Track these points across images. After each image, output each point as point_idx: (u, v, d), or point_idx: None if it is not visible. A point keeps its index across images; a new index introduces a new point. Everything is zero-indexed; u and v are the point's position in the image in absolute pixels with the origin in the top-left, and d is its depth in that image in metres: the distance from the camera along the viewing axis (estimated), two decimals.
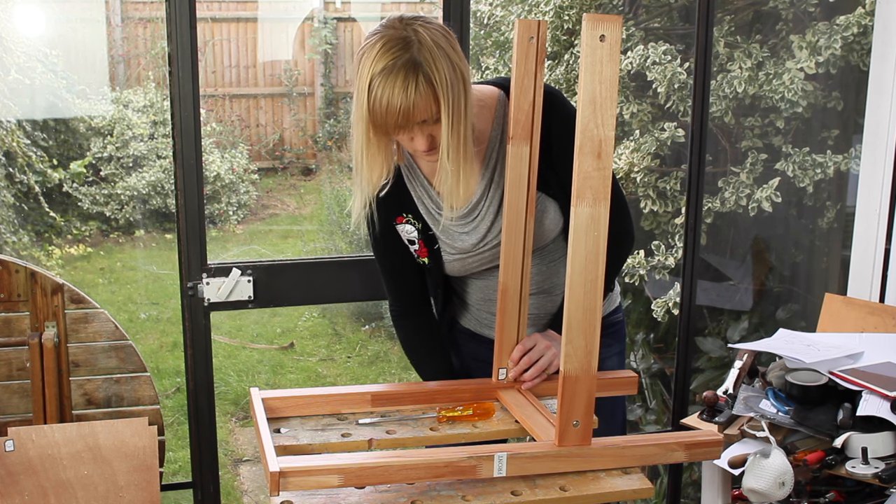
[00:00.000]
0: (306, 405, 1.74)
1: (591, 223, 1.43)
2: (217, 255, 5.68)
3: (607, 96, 1.40)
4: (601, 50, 1.39)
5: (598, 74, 1.39)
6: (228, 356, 4.91)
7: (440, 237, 1.88)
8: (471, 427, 1.72)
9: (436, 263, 1.90)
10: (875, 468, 1.86)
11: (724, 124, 3.13)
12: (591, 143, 1.41)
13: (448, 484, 1.54)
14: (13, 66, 5.66)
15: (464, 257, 1.88)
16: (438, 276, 1.93)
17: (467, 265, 1.89)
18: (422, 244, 1.88)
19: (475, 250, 1.87)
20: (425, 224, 1.87)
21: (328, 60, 7.79)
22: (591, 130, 1.40)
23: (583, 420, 1.52)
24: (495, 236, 1.85)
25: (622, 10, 3.36)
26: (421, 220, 1.86)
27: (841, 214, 3.11)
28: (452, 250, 1.88)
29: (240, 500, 3.70)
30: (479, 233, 1.85)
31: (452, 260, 1.88)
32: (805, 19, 3.04)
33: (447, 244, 1.88)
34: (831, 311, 2.47)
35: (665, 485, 2.92)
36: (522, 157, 1.72)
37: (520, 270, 1.78)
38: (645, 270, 3.14)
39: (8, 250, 5.38)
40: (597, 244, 1.43)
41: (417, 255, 1.90)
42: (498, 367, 1.84)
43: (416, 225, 1.87)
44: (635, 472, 1.58)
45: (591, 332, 1.46)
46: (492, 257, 1.87)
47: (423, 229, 1.87)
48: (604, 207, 1.43)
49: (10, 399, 2.34)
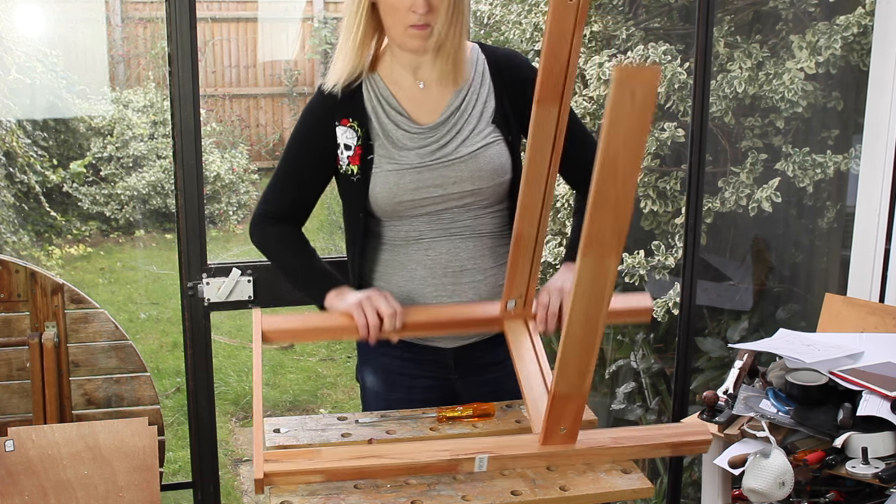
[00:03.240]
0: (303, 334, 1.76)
1: (596, 276, 1.34)
2: (217, 255, 5.68)
3: (631, 159, 1.22)
4: (630, 107, 1.19)
5: (624, 133, 1.21)
6: (228, 356, 4.91)
7: (378, 151, 1.83)
8: (471, 427, 1.72)
9: (363, 177, 1.83)
10: (875, 468, 1.86)
11: (724, 124, 3.13)
12: (606, 201, 1.26)
13: (448, 484, 1.54)
14: (13, 66, 5.66)
15: (401, 171, 1.81)
16: (357, 214, 1.86)
17: (400, 186, 1.81)
18: (359, 150, 1.83)
19: (420, 165, 1.81)
20: (366, 133, 1.83)
21: (328, 60, 7.79)
22: (608, 190, 1.24)
23: (570, 427, 1.52)
24: (447, 161, 1.81)
25: (622, 9, 3.36)
26: (364, 128, 1.83)
27: (841, 214, 3.11)
28: (391, 164, 1.82)
29: (240, 500, 3.70)
30: (430, 150, 1.82)
31: (387, 171, 1.81)
32: (805, 19, 3.04)
33: (385, 157, 1.82)
34: (831, 311, 2.47)
35: (665, 485, 2.92)
36: (549, 120, 1.62)
37: (537, 219, 1.72)
38: (645, 270, 3.14)
39: (8, 250, 5.38)
40: (601, 295, 1.35)
41: (349, 161, 1.83)
42: (507, 299, 1.80)
43: (357, 132, 1.83)
44: (635, 472, 1.58)
45: (587, 356, 1.44)
46: (430, 186, 1.81)
47: (363, 136, 1.83)
48: (612, 261, 1.33)
49: (10, 399, 2.34)
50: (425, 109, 1.83)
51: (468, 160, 1.81)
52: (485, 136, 1.82)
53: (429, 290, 1.86)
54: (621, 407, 3.32)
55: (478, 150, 1.81)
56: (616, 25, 3.27)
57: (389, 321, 1.71)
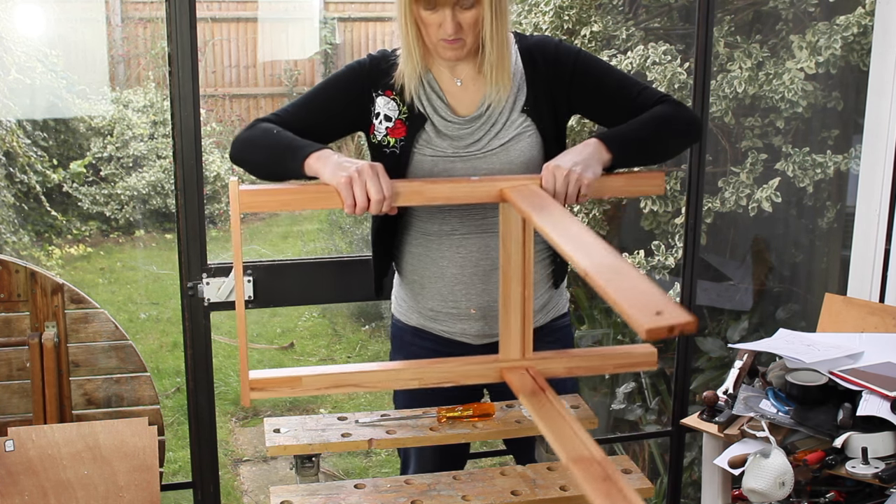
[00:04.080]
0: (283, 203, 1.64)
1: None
2: (217, 255, 5.67)
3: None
4: None
5: None
6: (228, 356, 4.91)
7: (418, 133, 1.82)
8: (471, 427, 1.72)
9: (400, 153, 1.82)
10: (875, 468, 1.86)
11: (724, 124, 3.13)
12: None
13: (448, 484, 1.54)
14: (13, 66, 5.66)
15: (435, 159, 1.82)
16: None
17: (434, 174, 1.81)
18: (399, 124, 1.83)
19: (454, 155, 1.82)
20: (410, 109, 1.83)
21: (328, 60, 7.79)
22: None
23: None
24: (479, 154, 1.81)
25: (622, 9, 3.36)
26: (406, 105, 1.83)
27: (841, 214, 3.11)
28: (428, 148, 1.82)
29: (240, 500, 3.70)
30: (465, 142, 1.82)
31: (422, 156, 1.82)
32: (805, 19, 3.04)
33: (424, 141, 1.83)
34: (831, 311, 2.47)
35: (665, 485, 2.92)
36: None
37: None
38: (645, 270, 3.14)
39: (8, 250, 5.38)
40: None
41: (388, 132, 1.83)
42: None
43: (399, 106, 1.83)
44: (635, 472, 1.59)
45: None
46: (464, 176, 1.80)
47: (405, 112, 1.83)
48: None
49: (10, 399, 2.34)
50: (463, 102, 1.84)
51: (500, 152, 1.82)
52: (516, 127, 1.83)
53: (459, 287, 1.87)
54: (621, 407, 3.32)
55: (509, 142, 1.82)
56: (616, 25, 3.27)
57: (376, 206, 1.60)
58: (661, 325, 1.02)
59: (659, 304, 1.07)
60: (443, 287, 1.88)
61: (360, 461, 3.97)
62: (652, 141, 1.81)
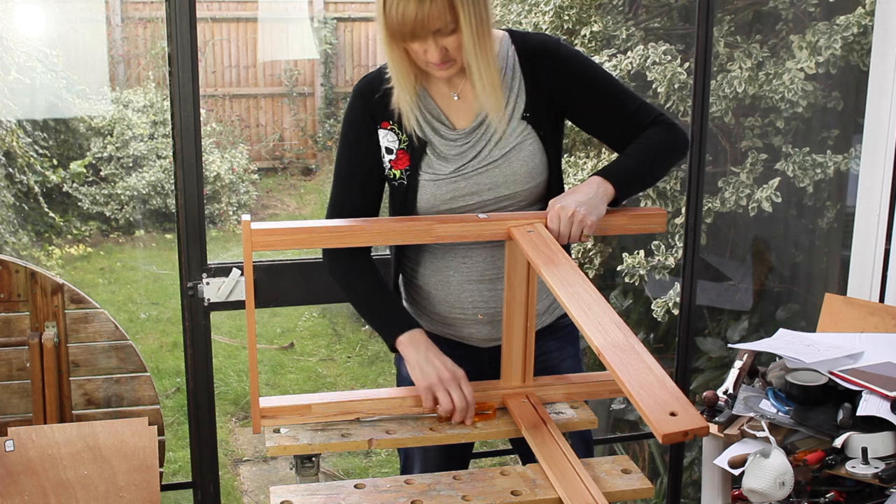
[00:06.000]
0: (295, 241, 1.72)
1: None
2: (217, 255, 5.68)
3: None
4: None
5: None
6: (228, 356, 4.91)
7: (418, 159, 1.83)
8: (471, 427, 1.72)
9: (409, 182, 1.84)
10: (875, 468, 1.86)
11: (724, 124, 3.13)
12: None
13: (448, 484, 1.54)
14: (13, 66, 5.66)
15: (438, 181, 1.82)
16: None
17: (438, 196, 1.83)
18: (401, 154, 1.84)
19: (456, 174, 1.82)
20: (410, 135, 1.83)
21: (328, 60, 7.80)
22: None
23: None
24: (481, 169, 1.81)
25: (622, 9, 3.36)
26: (404, 131, 1.83)
27: (841, 214, 3.11)
28: (428, 172, 1.83)
29: (240, 500, 3.70)
30: (465, 158, 1.82)
31: (425, 181, 1.83)
32: (805, 19, 3.04)
33: (424, 165, 1.84)
34: (831, 311, 2.47)
35: (665, 485, 2.92)
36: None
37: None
38: (645, 270, 3.14)
39: (8, 250, 5.38)
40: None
41: (392, 165, 1.84)
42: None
43: (399, 135, 1.84)
44: (635, 472, 1.59)
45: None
46: (467, 194, 1.82)
47: (405, 141, 1.83)
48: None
49: (10, 399, 2.34)
50: (461, 113, 1.83)
51: (502, 163, 1.81)
52: (517, 136, 1.82)
53: (465, 295, 1.88)
54: (621, 407, 3.32)
55: (510, 152, 1.81)
56: (616, 25, 3.27)
57: (460, 414, 1.73)
58: (676, 430, 1.22)
59: (671, 402, 1.27)
60: (449, 295, 1.89)
61: (360, 461, 3.97)
62: (651, 172, 1.89)
